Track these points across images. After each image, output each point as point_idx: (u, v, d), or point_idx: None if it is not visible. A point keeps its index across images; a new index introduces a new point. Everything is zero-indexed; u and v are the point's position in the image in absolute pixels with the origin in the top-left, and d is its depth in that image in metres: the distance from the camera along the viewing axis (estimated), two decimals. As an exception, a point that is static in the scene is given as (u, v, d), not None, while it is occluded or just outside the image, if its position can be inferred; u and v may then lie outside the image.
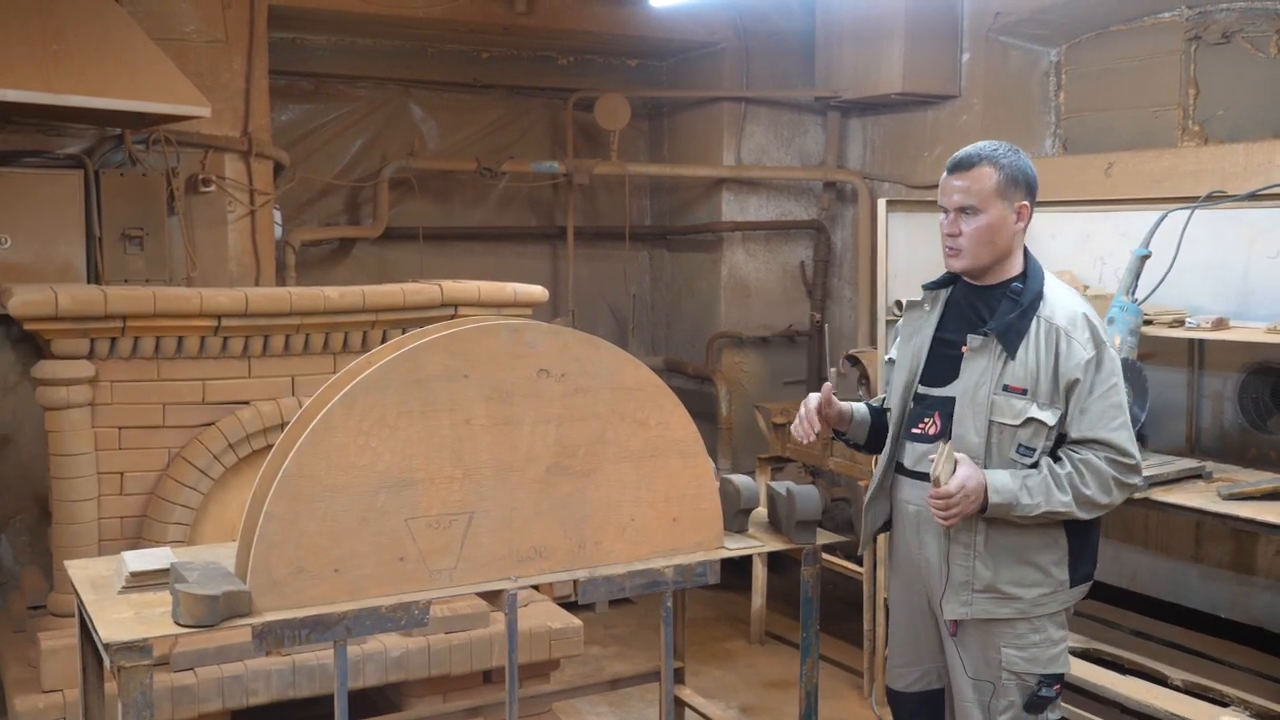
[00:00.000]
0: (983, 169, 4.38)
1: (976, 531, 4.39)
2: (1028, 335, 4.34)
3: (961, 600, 4.44)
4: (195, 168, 7.77)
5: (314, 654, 6.15)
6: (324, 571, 4.24)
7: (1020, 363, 4.33)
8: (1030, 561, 4.39)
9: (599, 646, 8.34)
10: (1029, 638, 4.43)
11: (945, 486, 4.23)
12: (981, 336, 4.40)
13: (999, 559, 4.39)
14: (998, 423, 4.35)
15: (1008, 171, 4.38)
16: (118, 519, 6.21)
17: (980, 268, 4.46)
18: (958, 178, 4.42)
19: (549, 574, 4.69)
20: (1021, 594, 4.39)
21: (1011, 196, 4.39)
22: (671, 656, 5.13)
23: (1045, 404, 4.31)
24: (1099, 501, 4.29)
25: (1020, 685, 4.43)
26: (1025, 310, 4.37)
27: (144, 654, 3.94)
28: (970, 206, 4.39)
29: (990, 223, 4.38)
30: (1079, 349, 4.30)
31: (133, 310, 6.01)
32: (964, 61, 9.02)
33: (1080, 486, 4.27)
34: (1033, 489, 4.26)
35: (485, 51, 10.14)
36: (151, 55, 6.76)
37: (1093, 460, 4.28)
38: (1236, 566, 6.98)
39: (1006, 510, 4.27)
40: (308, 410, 4.46)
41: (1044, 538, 4.38)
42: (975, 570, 4.41)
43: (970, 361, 4.43)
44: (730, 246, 10.32)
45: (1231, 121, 7.68)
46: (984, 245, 4.40)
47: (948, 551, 4.46)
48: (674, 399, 4.90)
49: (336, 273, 9.67)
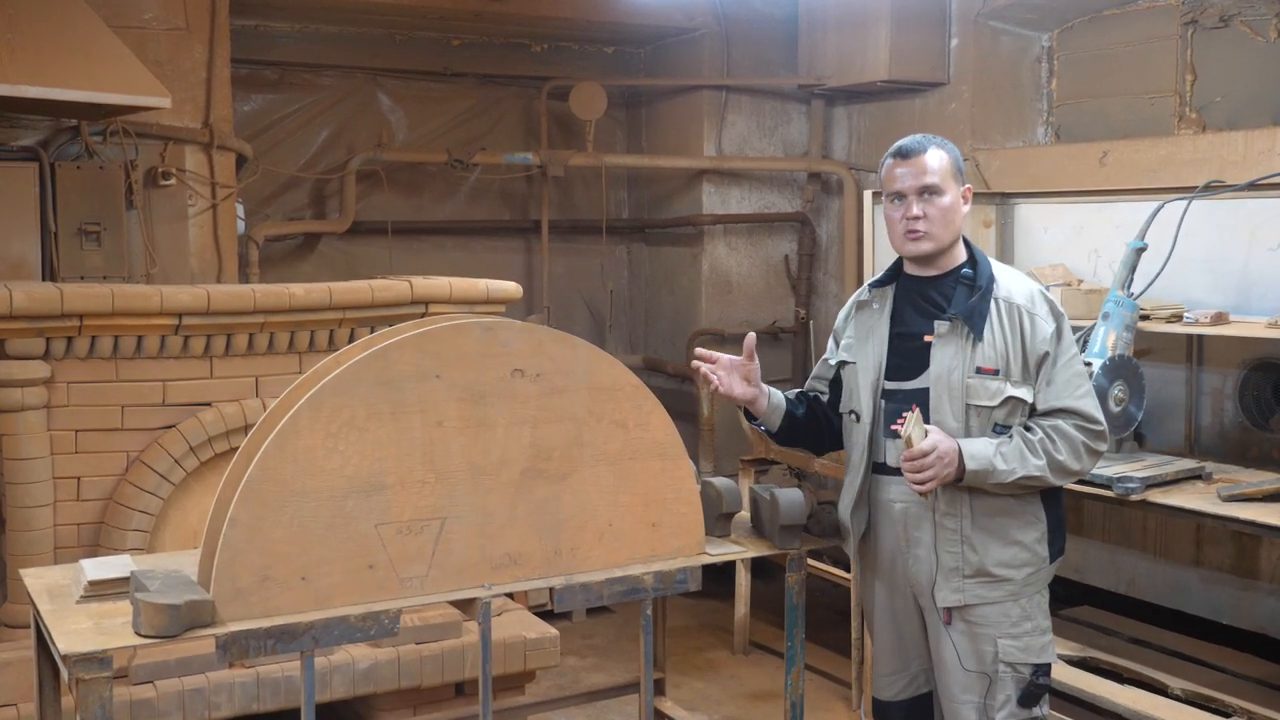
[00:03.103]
0: (935, 152, 4.59)
1: (962, 517, 4.52)
2: (989, 317, 4.50)
3: (954, 587, 4.55)
4: (155, 160, 7.76)
5: (279, 666, 6.15)
6: (291, 579, 4.24)
7: (988, 344, 4.49)
8: (1015, 541, 4.54)
9: (576, 657, 8.35)
10: (1022, 625, 4.55)
11: (919, 446, 4.35)
12: (947, 322, 4.54)
13: (986, 542, 4.52)
14: (974, 405, 4.51)
15: (953, 156, 4.63)
16: (74, 526, 6.19)
17: (942, 249, 4.62)
18: (912, 163, 4.59)
19: (524, 581, 4.68)
20: (1011, 575, 4.53)
21: (959, 180, 4.62)
22: (651, 667, 5.12)
23: (1019, 382, 4.48)
24: (1071, 467, 4.46)
25: (1016, 677, 4.54)
26: (984, 293, 4.53)
27: (104, 666, 3.93)
28: (933, 186, 4.56)
29: (950, 204, 4.58)
30: (1043, 324, 4.50)
31: (90, 309, 6.00)
32: (952, 47, 9.04)
33: (1053, 452, 4.42)
34: (1007, 455, 4.41)
35: (456, 39, 10.14)
36: (109, 44, 6.75)
37: (1063, 426, 4.45)
38: (1238, 570, 7.01)
39: (984, 477, 4.40)
40: (273, 412, 4.46)
41: (1025, 516, 4.54)
42: (964, 555, 4.53)
43: (939, 349, 4.55)
44: (711, 240, 10.34)
45: (1230, 108, 7.72)
46: (946, 226, 4.58)
47: (935, 540, 4.57)
48: (653, 399, 4.90)
49: (301, 269, 9.67)
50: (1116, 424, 6.20)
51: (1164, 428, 7.14)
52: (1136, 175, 7.45)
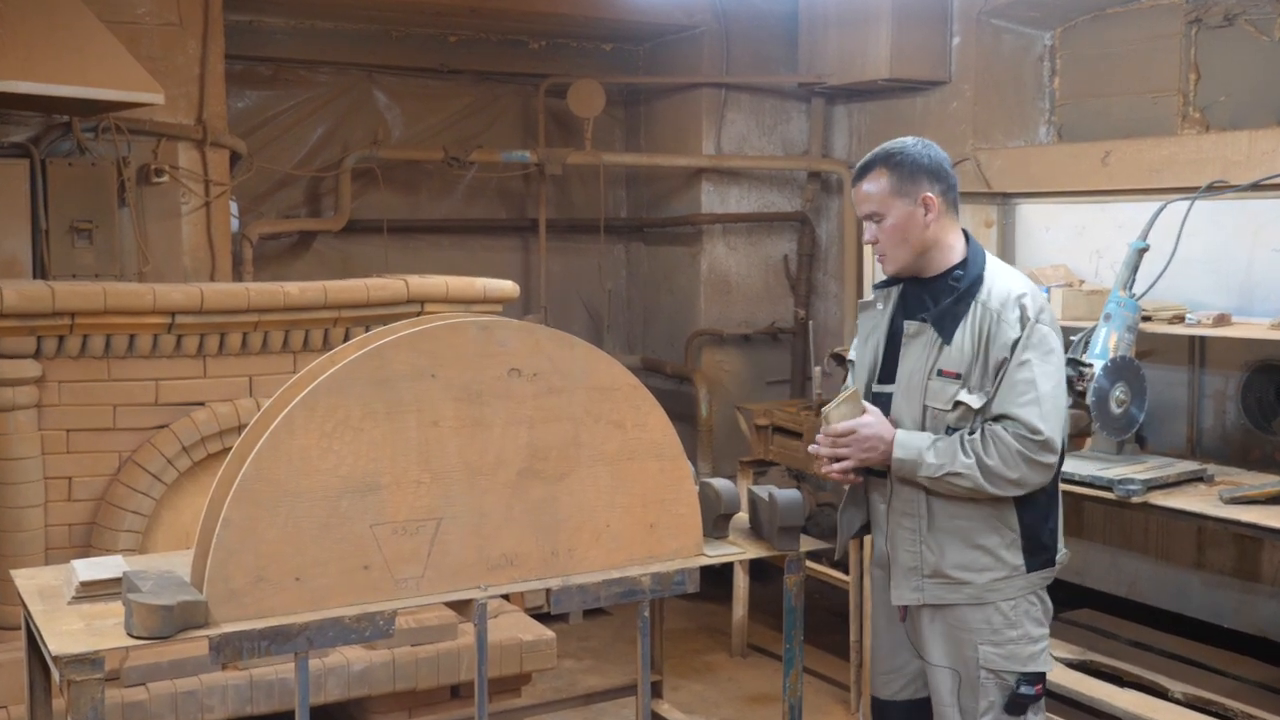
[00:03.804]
0: (875, 174, 4.61)
1: (920, 516, 4.54)
2: (964, 320, 4.50)
3: (912, 586, 4.59)
4: (147, 157, 7.75)
5: (273, 668, 6.17)
6: (285, 580, 4.25)
7: (956, 347, 4.48)
8: (978, 545, 4.51)
9: (572, 659, 8.36)
10: (1005, 633, 4.52)
11: (833, 426, 4.44)
12: (918, 323, 4.58)
13: (944, 543, 4.52)
14: (931, 407, 4.52)
15: (900, 169, 4.58)
16: (66, 526, 6.21)
17: (907, 266, 4.65)
18: (858, 187, 4.66)
19: (520, 583, 4.69)
20: (971, 579, 4.51)
21: (910, 192, 4.57)
22: (649, 670, 5.13)
23: (975, 388, 4.46)
24: (1003, 474, 4.36)
25: (1000, 684, 4.53)
26: (962, 295, 4.53)
27: (96, 667, 3.94)
28: (873, 213, 4.61)
29: (895, 223, 4.58)
30: (1007, 329, 4.44)
31: (82, 307, 6.01)
32: (954, 45, 9.04)
33: (983, 455, 4.36)
34: (940, 450, 4.41)
35: (453, 35, 10.14)
36: (102, 39, 6.75)
37: (999, 432, 4.38)
38: (1240, 574, 7.02)
39: (911, 469, 4.43)
40: (267, 412, 4.47)
41: (991, 521, 4.50)
42: (922, 555, 4.55)
43: (907, 349, 4.61)
44: (710, 240, 10.35)
45: (1234, 108, 7.72)
46: (898, 246, 4.60)
47: (892, 537, 4.62)
48: (651, 400, 4.91)
49: (296, 267, 9.66)
50: (1118, 426, 6.21)
51: (1166, 430, 7.15)
52: (1139, 175, 7.44)
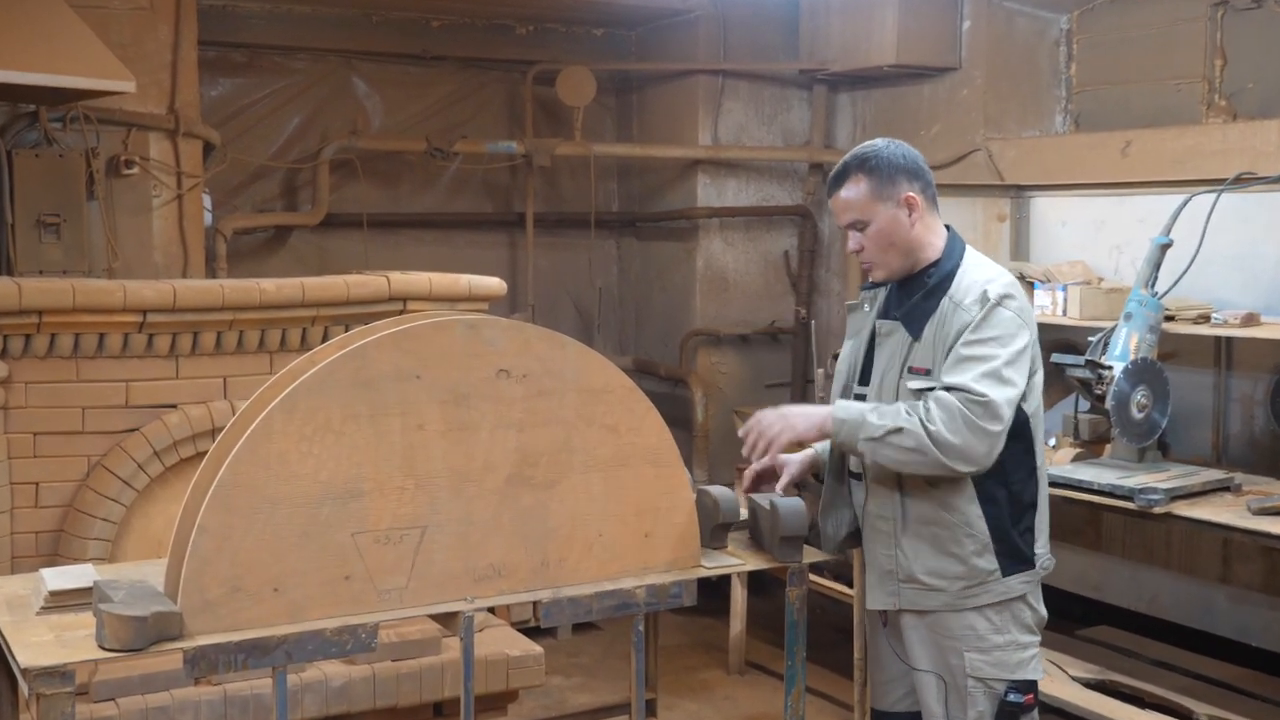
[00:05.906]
0: (852, 180, 4.70)
1: (894, 519, 4.63)
2: (933, 315, 4.59)
3: (888, 590, 4.68)
4: (117, 148, 7.76)
5: (248, 683, 6.17)
6: (262, 591, 4.26)
7: (925, 343, 4.58)
8: (950, 553, 4.58)
9: (561, 676, 8.36)
10: (991, 639, 4.59)
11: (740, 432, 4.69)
12: (891, 322, 4.70)
13: (917, 549, 4.61)
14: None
15: (877, 172, 4.66)
16: (32, 534, 6.22)
17: (897, 272, 4.74)
18: (836, 197, 4.76)
19: (509, 594, 4.69)
20: (944, 585, 4.59)
21: (890, 195, 4.65)
22: (643, 687, 5.13)
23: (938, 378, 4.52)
24: (948, 439, 4.35)
25: (988, 693, 4.59)
26: (931, 291, 4.63)
27: (66, 680, 3.94)
28: (856, 220, 4.70)
29: (880, 228, 4.67)
30: (963, 314, 4.52)
31: (49, 304, 6.02)
32: (964, 30, 9.06)
33: (925, 418, 4.38)
34: (882, 412, 4.47)
35: (435, 20, 10.16)
36: (70, 24, 6.76)
37: (942, 395, 4.41)
38: (1269, 589, 7.03)
39: (854, 430, 4.48)
40: (244, 414, 4.47)
41: (960, 529, 4.55)
42: (897, 559, 4.64)
43: (880, 348, 4.73)
44: (706, 235, 10.37)
45: (1262, 95, 7.71)
46: (887, 251, 4.70)
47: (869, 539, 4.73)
48: (646, 402, 4.91)
49: (272, 263, 9.67)
50: (1139, 432, 6.24)
51: (1190, 436, 7.17)
52: (1161, 166, 7.46)
